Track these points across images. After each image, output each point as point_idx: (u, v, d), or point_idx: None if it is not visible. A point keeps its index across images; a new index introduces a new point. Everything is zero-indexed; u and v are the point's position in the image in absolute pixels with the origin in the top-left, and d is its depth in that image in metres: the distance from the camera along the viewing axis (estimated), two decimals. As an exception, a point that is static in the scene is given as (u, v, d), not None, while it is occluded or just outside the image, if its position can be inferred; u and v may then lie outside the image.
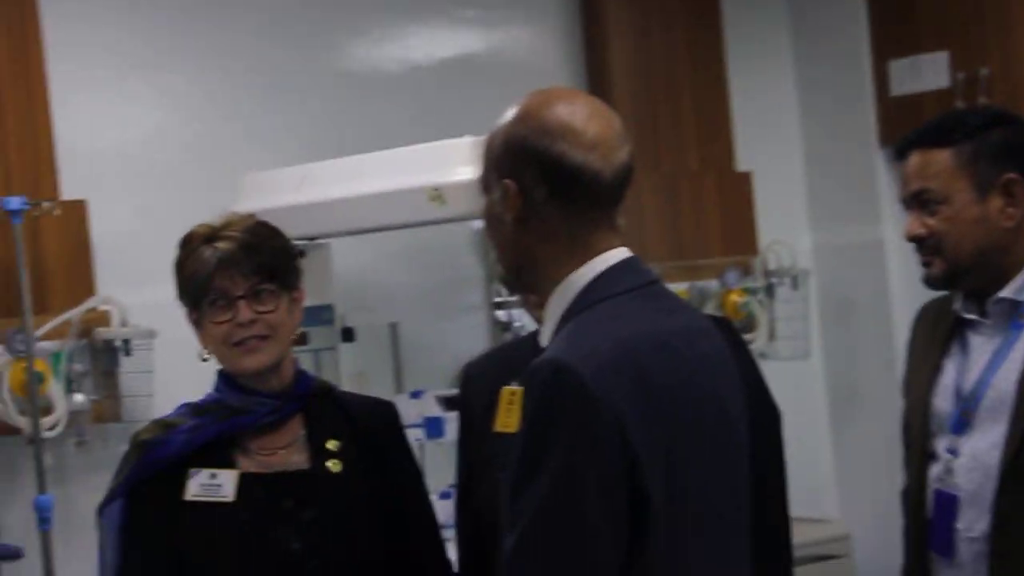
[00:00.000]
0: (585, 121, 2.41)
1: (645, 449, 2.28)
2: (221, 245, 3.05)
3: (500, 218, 2.45)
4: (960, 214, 2.91)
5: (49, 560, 4.43)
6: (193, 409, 3.16)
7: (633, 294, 2.43)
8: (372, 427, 3.16)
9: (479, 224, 2.66)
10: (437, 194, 3.89)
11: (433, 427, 4.55)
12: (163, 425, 3.16)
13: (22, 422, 4.47)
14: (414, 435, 4.72)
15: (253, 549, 3.02)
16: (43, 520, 4.43)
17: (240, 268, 3.03)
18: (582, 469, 2.28)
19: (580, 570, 2.31)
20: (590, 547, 2.30)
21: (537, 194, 2.38)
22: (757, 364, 3.41)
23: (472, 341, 3.66)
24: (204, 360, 3.13)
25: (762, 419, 3.25)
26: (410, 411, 4.73)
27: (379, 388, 4.90)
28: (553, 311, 2.45)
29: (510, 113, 2.49)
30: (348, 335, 5.05)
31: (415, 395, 4.81)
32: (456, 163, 4.25)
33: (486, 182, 2.50)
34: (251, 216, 3.23)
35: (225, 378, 3.14)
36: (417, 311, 5.27)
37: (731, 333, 3.37)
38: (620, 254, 2.42)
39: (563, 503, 2.29)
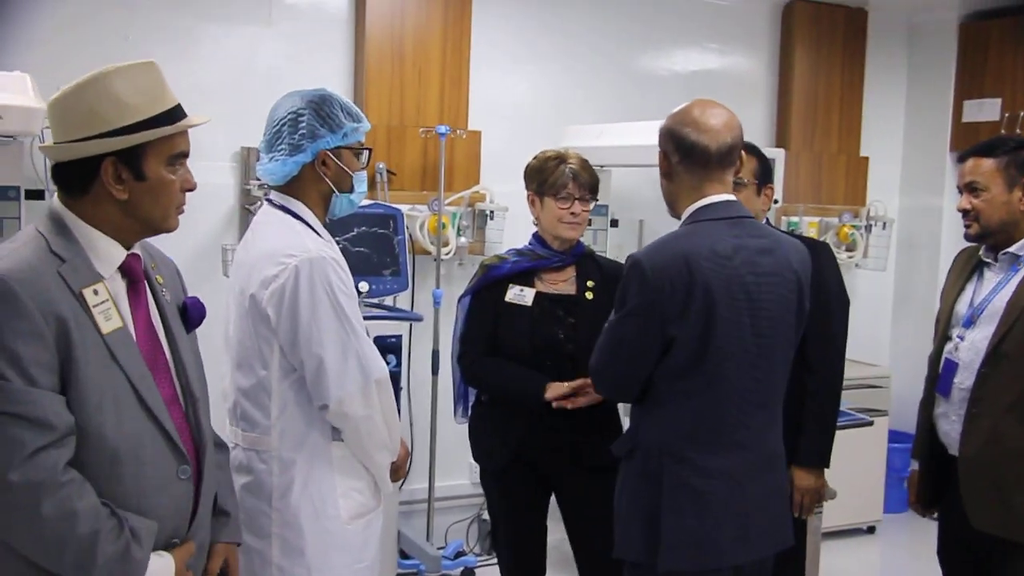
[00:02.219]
0: (706, 116, 2.44)
1: (677, 315, 2.36)
2: (572, 165, 3.15)
3: (663, 171, 2.53)
4: (994, 199, 2.88)
5: (436, 324, 4.61)
6: (517, 251, 3.27)
7: (718, 222, 2.43)
8: (613, 277, 3.20)
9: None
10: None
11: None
12: (499, 257, 3.29)
13: (432, 249, 4.61)
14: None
15: (536, 334, 3.11)
16: (436, 302, 4.61)
17: (582, 181, 3.14)
18: (640, 315, 2.41)
19: (628, 356, 2.47)
20: (631, 349, 2.45)
21: (675, 158, 2.46)
22: (826, 270, 3.20)
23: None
24: (535, 224, 3.25)
25: (817, 305, 3.16)
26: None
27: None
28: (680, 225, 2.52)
29: (674, 111, 2.52)
30: (615, 223, 5.04)
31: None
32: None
33: (658, 150, 2.55)
34: (576, 152, 3.29)
35: (538, 237, 3.24)
36: (657, 214, 5.25)
37: (822, 251, 3.28)
38: (719, 197, 2.46)
39: (627, 331, 2.45)
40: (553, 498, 3.36)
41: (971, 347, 2.93)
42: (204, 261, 4.28)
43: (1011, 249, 2.91)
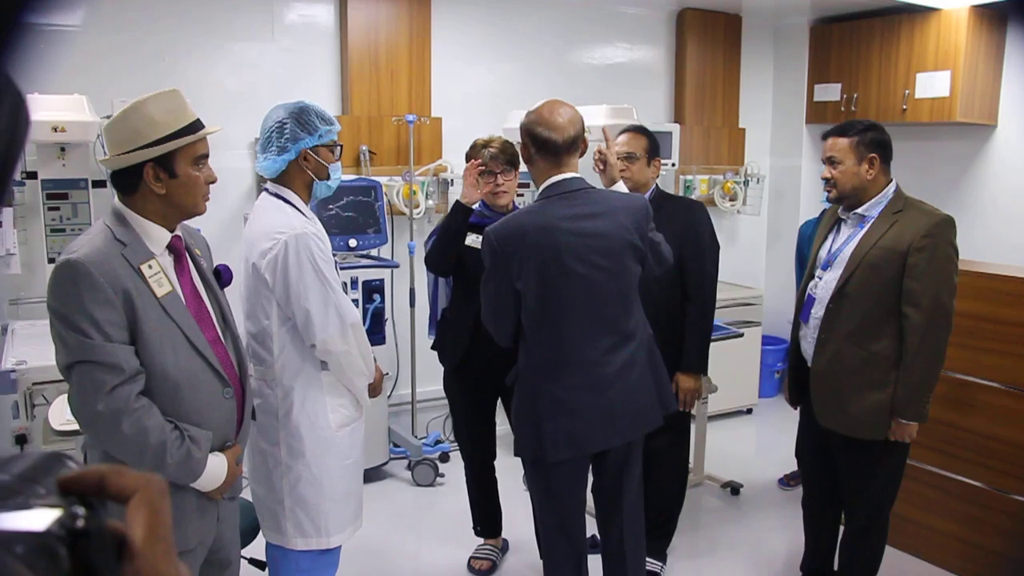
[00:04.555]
0: (554, 116, 2.39)
1: (519, 273, 2.40)
2: (492, 148, 3.15)
3: (525, 159, 2.49)
4: (847, 170, 2.84)
5: (412, 269, 4.62)
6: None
7: (556, 197, 2.41)
8: None
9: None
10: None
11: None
12: None
13: (406, 210, 4.61)
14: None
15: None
16: (410, 251, 4.63)
17: (500, 160, 3.13)
18: (496, 276, 2.44)
19: (497, 309, 2.49)
20: (497, 303, 2.48)
21: (532, 149, 2.42)
22: (700, 223, 3.25)
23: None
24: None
25: (692, 250, 3.23)
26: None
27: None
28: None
29: (528, 111, 2.46)
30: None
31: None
32: (593, 116, 4.26)
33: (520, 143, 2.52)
34: (501, 137, 3.28)
35: (484, 203, 3.22)
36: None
37: (697, 210, 3.29)
38: (562, 176, 2.42)
39: (490, 288, 2.48)
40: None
41: (825, 286, 2.92)
42: (231, 227, 4.30)
43: (859, 210, 2.88)
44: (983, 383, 3.40)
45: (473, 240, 3.18)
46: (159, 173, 1.93)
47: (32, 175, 3.63)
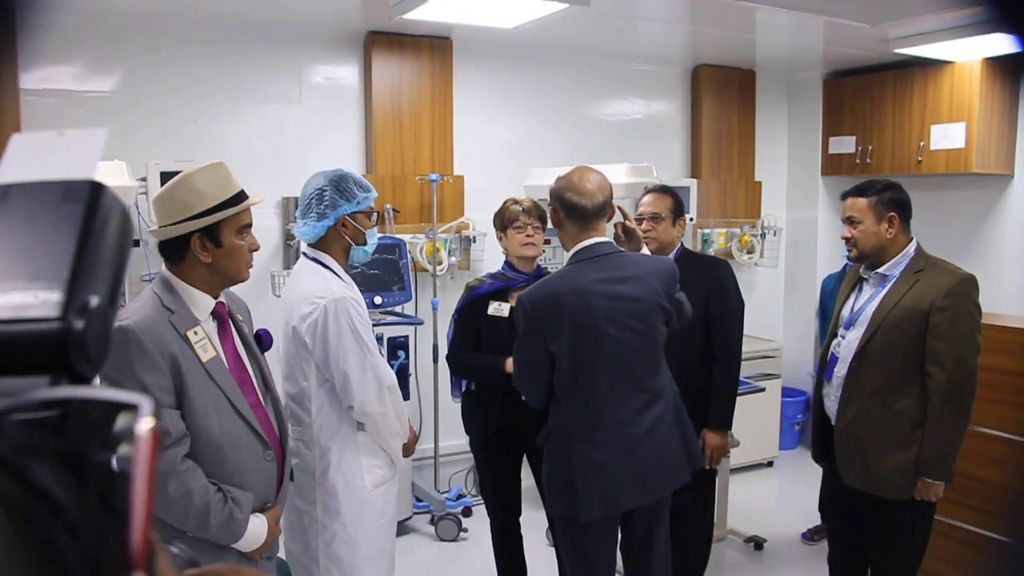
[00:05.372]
0: (583, 182, 2.46)
1: (553, 337, 2.45)
2: (524, 204, 3.21)
3: (554, 223, 2.57)
4: (867, 230, 2.87)
5: (435, 324, 4.68)
6: (491, 275, 3.31)
7: (587, 261, 2.47)
8: None
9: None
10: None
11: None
12: (479, 279, 3.32)
13: (429, 267, 4.67)
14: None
15: (512, 338, 3.17)
16: (434, 307, 4.68)
17: (531, 213, 3.19)
18: (530, 340, 2.49)
19: (530, 372, 2.55)
20: (530, 366, 2.53)
21: (562, 214, 2.49)
22: (725, 282, 3.30)
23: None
24: (504, 255, 3.30)
25: (718, 309, 3.28)
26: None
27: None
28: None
29: (558, 177, 2.54)
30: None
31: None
32: (614, 175, 4.26)
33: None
34: (529, 199, 3.35)
35: (507, 264, 3.27)
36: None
37: (723, 269, 3.35)
38: (592, 240, 2.49)
39: (524, 352, 2.54)
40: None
41: (848, 345, 2.93)
42: (259, 283, 4.35)
43: (880, 269, 2.89)
44: (1010, 437, 3.42)
45: (496, 309, 3.22)
46: (205, 243, 2.02)
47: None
